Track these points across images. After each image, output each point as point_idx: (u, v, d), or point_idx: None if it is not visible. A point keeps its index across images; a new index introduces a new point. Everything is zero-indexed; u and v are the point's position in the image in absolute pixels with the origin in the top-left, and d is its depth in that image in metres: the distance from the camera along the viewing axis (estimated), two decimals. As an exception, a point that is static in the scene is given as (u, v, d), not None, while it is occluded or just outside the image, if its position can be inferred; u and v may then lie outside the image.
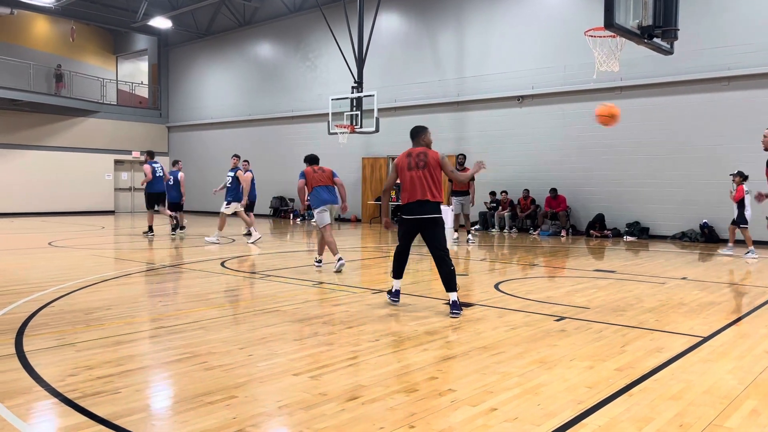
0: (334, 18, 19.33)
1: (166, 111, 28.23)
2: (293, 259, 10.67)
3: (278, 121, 23.48)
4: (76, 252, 11.60)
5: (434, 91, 18.92)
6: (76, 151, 24.96)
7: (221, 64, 25.74)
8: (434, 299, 6.65)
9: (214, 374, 3.91)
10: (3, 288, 7.27)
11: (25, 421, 3.14)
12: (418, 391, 3.62)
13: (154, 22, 23.13)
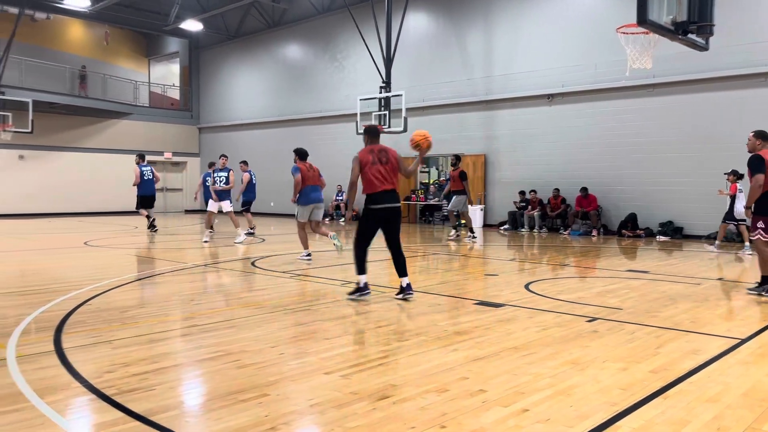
0: (362, 18, 19.39)
1: (197, 112, 28.63)
2: (321, 259, 10.73)
3: (306, 121, 23.63)
4: (110, 251, 11.84)
5: (462, 90, 18.84)
6: (110, 152, 25.47)
7: (250, 66, 26.01)
8: (464, 299, 6.62)
9: (247, 372, 3.96)
10: (42, 286, 7.46)
11: (64, 416, 3.22)
12: (449, 391, 3.61)
13: (185, 25, 23.48)
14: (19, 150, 23.39)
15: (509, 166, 18.02)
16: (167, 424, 3.09)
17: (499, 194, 18.28)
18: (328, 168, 22.82)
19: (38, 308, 5.92)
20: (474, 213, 18.16)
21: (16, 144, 22.69)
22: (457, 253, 11.83)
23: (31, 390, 3.56)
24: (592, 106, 16.25)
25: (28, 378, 3.78)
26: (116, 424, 3.08)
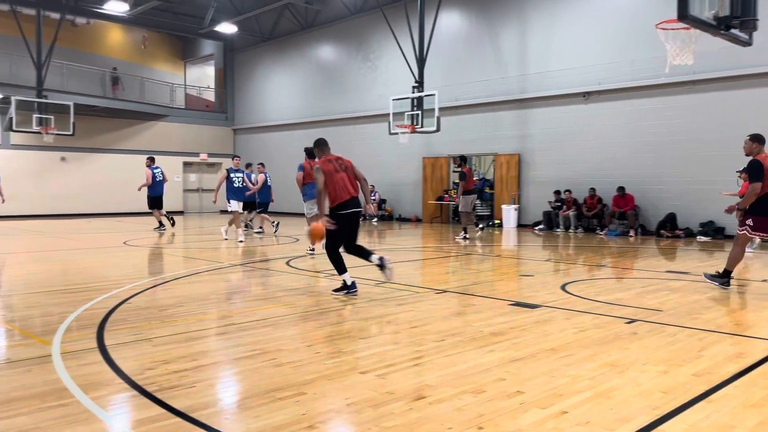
0: (394, 18, 19.40)
1: (231, 114, 29.01)
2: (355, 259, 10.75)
3: (339, 122, 23.74)
4: (149, 251, 12.07)
5: (496, 89, 18.70)
6: (147, 153, 25.91)
7: (284, 67, 26.25)
8: (499, 300, 6.57)
9: (283, 371, 3.99)
10: (84, 285, 7.65)
11: (107, 411, 3.30)
12: (485, 392, 3.58)
13: (220, 28, 23.82)
14: (60, 152, 24.03)
15: (544, 165, 17.81)
16: (207, 421, 3.14)
17: (533, 194, 18.08)
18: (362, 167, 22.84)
19: (81, 306, 6.07)
20: (508, 213, 18.02)
21: (58, 146, 23.32)
22: (491, 253, 11.74)
23: (76, 386, 3.65)
24: (629, 104, 15.96)
25: (72, 374, 3.88)
26: (158, 419, 3.14)
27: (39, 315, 5.88)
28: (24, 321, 5.61)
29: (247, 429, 3.03)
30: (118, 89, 26.12)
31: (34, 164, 23.47)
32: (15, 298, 6.94)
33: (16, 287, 7.74)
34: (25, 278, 8.50)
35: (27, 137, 22.66)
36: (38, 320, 5.65)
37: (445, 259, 10.85)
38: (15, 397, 3.45)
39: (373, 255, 6.85)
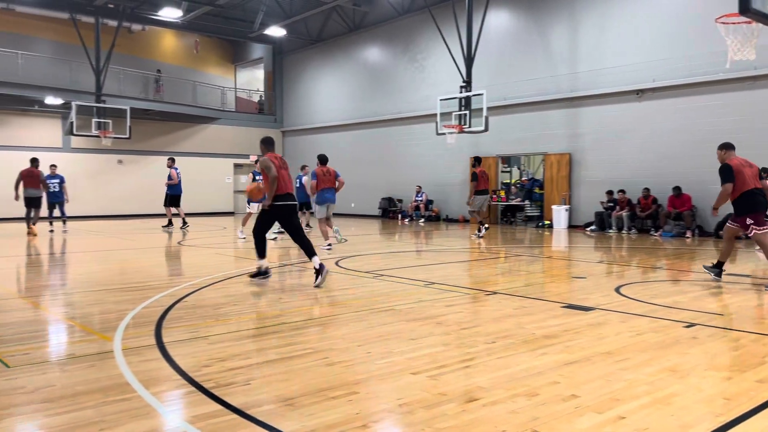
0: (442, 18, 19.33)
1: (280, 116, 29.45)
2: (404, 259, 10.78)
3: (386, 123, 23.81)
4: (202, 251, 12.37)
5: (545, 88, 18.42)
6: (199, 156, 26.63)
7: (332, 69, 26.49)
8: (551, 302, 6.47)
9: (335, 370, 4.03)
10: (141, 284, 7.89)
11: (167, 407, 3.40)
12: (539, 396, 3.53)
13: (269, 31, 24.22)
14: (117, 155, 24.88)
15: (595, 164, 17.45)
16: (263, 418, 3.20)
17: (584, 194, 17.73)
18: (408, 168, 22.97)
19: (139, 304, 6.26)
20: (558, 213, 17.72)
21: (115, 149, 24.14)
22: (541, 255, 11.57)
23: (137, 381, 3.77)
24: (685, 101, 15.48)
25: (133, 369, 4.00)
26: (215, 416, 3.21)
27: (100, 312, 6.10)
28: (86, 318, 5.83)
29: (302, 427, 3.07)
30: (161, 91, 26.78)
31: (92, 167, 24.37)
32: (78, 295, 7.22)
33: (78, 285, 8.04)
34: (86, 277, 8.83)
35: (86, 141, 23.56)
36: (100, 317, 5.85)
37: (494, 261, 10.75)
38: (80, 391, 3.58)
39: (315, 257, 7.51)
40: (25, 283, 8.38)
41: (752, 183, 7.44)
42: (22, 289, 7.82)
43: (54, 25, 24.61)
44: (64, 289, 7.84)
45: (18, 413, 3.28)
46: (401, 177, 23.20)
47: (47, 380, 3.81)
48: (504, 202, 19.79)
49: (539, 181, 20.04)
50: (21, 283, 8.43)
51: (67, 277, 9.05)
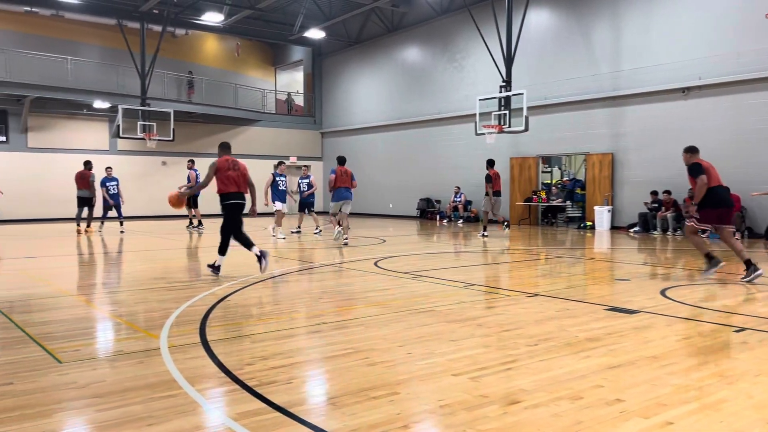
0: (481, 18, 19.21)
1: (319, 118, 29.69)
2: (442, 260, 10.74)
3: (425, 123, 23.77)
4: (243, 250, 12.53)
5: (587, 87, 18.12)
6: (241, 157, 26.83)
7: (370, 70, 26.58)
8: (593, 304, 6.36)
9: (377, 370, 4.04)
10: (185, 283, 8.07)
11: (212, 404, 3.46)
12: (583, 399, 3.48)
13: (309, 34, 24.46)
14: (161, 156, 25.46)
15: (639, 164, 17.08)
16: (306, 416, 3.23)
17: (627, 195, 17.38)
18: (447, 169, 22.89)
19: (184, 303, 6.40)
20: (600, 214, 17.41)
21: (159, 151, 24.73)
22: (583, 256, 11.38)
23: (183, 378, 3.85)
24: (733, 99, 15.02)
25: (179, 367, 4.09)
26: (259, 413, 3.26)
27: (146, 310, 6.25)
28: (133, 316, 5.99)
29: (344, 426, 3.09)
30: (193, 93, 27.20)
31: (138, 168, 24.99)
32: (124, 294, 7.42)
33: (125, 284, 8.27)
34: (133, 275, 9.07)
35: (132, 143, 24.18)
36: (146, 315, 6.00)
37: (534, 262, 10.63)
38: (129, 387, 3.68)
39: (254, 247, 8.40)
40: (75, 281, 8.64)
41: (717, 181, 8.11)
42: (72, 287, 8.07)
43: (101, 31, 25.34)
44: (111, 287, 8.06)
45: (70, 407, 3.39)
46: (439, 178, 23.12)
47: (97, 376, 3.93)
48: (545, 203, 19.52)
49: (581, 181, 19.73)
50: (71, 281, 8.71)
51: (114, 275, 9.30)
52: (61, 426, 3.15)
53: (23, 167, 22.11)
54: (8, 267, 10.35)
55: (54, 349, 4.58)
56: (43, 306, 6.50)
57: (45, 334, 5.05)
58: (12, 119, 22.74)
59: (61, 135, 23.70)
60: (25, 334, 5.05)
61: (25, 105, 22.21)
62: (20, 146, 22.87)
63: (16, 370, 4.04)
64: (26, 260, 11.23)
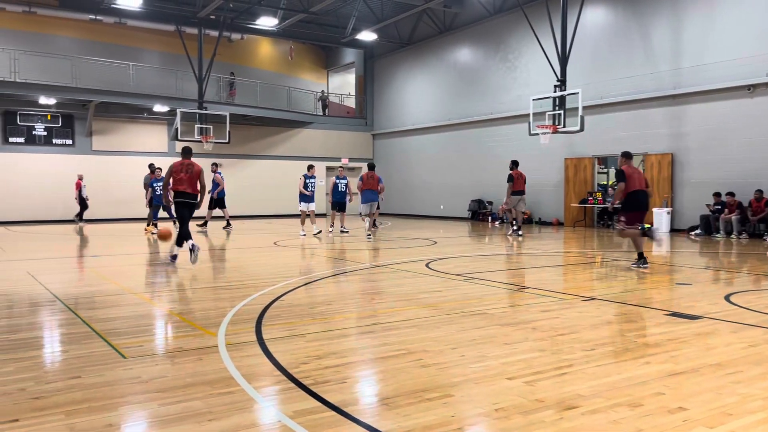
0: (535, 16, 18.93)
1: (371, 119, 29.84)
2: (495, 262, 10.63)
3: (477, 124, 23.57)
4: (296, 251, 12.74)
5: (645, 85, 17.61)
6: (293, 159, 27.44)
7: (422, 72, 26.55)
8: (653, 309, 6.18)
9: (430, 372, 4.04)
10: (241, 282, 8.25)
11: (269, 401, 3.53)
12: (643, 406, 3.39)
13: (361, 36, 24.63)
14: (217, 158, 26.06)
15: (701, 165, 16.48)
16: (360, 416, 3.26)
17: (688, 196, 16.80)
18: (499, 170, 22.57)
19: (240, 302, 6.54)
20: (659, 217, 16.89)
21: (215, 153, 25.31)
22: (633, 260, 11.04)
23: (240, 375, 3.94)
24: (803, 96, 14.33)
25: (236, 364, 4.19)
26: (315, 412, 3.31)
27: (203, 309, 6.42)
28: (191, 314, 6.16)
29: (398, 427, 3.10)
30: (234, 93, 27.56)
31: (195, 170, 25.65)
32: (184, 292, 7.65)
33: (184, 283, 8.51)
34: (191, 274, 9.32)
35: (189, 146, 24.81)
36: (203, 313, 6.16)
37: (590, 265, 10.40)
38: (189, 383, 3.79)
39: (190, 241, 9.64)
40: (136, 280, 8.95)
41: (639, 186, 9.17)
42: (134, 284, 8.36)
43: (161, 37, 26.17)
44: (170, 285, 8.31)
45: (135, 401, 3.52)
46: (492, 179, 22.88)
47: (159, 371, 4.06)
48: (600, 205, 19.06)
49: (638, 182, 19.16)
50: (133, 279, 9.02)
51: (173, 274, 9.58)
52: (126, 419, 3.28)
53: (88, 169, 23.00)
54: (74, 265, 10.80)
55: (118, 344, 4.76)
56: (107, 303, 6.76)
57: (110, 330, 5.25)
58: (78, 123, 23.74)
59: (123, 138, 24.58)
60: (91, 330, 5.26)
61: (89, 110, 23.15)
62: (85, 149, 23.84)
63: (84, 364, 4.21)
64: (91, 258, 11.70)
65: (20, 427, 3.12)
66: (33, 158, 22.90)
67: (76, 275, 9.46)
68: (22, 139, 22.76)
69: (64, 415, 3.26)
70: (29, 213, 22.62)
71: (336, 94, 31.68)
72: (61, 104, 23.09)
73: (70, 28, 24.67)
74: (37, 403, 3.44)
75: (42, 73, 22.32)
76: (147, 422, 3.22)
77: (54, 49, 23.35)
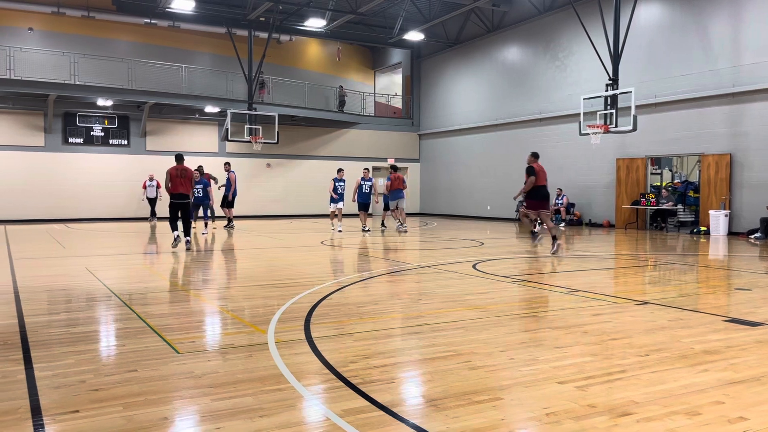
0: (586, 13, 18.56)
1: (417, 120, 29.81)
2: (543, 264, 10.46)
3: (525, 124, 23.26)
4: (344, 251, 12.82)
5: (703, 83, 17.04)
6: (340, 159, 27.64)
7: (469, 71, 26.36)
8: (710, 315, 5.97)
9: (479, 374, 4.00)
10: (289, 280, 8.35)
11: (319, 399, 3.55)
12: (701, 415, 3.27)
13: (408, 36, 24.64)
14: (266, 158, 26.52)
15: (762, 166, 15.85)
16: (409, 417, 3.25)
17: (747, 198, 16.18)
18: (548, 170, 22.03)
19: (288, 300, 6.62)
20: (716, 219, 16.34)
21: (264, 153, 25.77)
22: (696, 263, 10.71)
23: (290, 373, 3.99)
24: None
25: (286, 361, 4.24)
26: (363, 411, 3.32)
27: (253, 306, 6.53)
28: (242, 311, 6.27)
29: (447, 428, 3.08)
30: (264, 93, 27.70)
31: (244, 170, 26.16)
32: (233, 290, 7.79)
33: (235, 280, 8.68)
34: (241, 272, 9.50)
35: (239, 146, 25.36)
36: (253, 311, 6.27)
37: (642, 269, 10.12)
38: (240, 379, 3.86)
39: (176, 231, 12.25)
40: (188, 277, 9.17)
41: (543, 182, 11.95)
42: (186, 281, 8.57)
43: (212, 40, 26.75)
44: (221, 283, 8.49)
45: (188, 396, 3.60)
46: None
47: (211, 367, 4.14)
48: (653, 206, 18.55)
49: (694, 183, 18.60)
50: (184, 276, 9.25)
51: (224, 272, 9.79)
52: (180, 413, 3.35)
53: (143, 169, 23.71)
54: (129, 262, 11.14)
55: (172, 339, 4.88)
56: (160, 299, 6.95)
57: (163, 326, 5.39)
58: (132, 124, 24.50)
59: (176, 138, 25.23)
60: (146, 325, 5.41)
61: (144, 111, 23.86)
62: (140, 149, 24.58)
63: (140, 358, 4.34)
64: (144, 256, 12.05)
65: (80, 417, 3.23)
66: (91, 158, 23.75)
67: (131, 272, 9.76)
68: (80, 139, 23.63)
69: (122, 407, 3.36)
70: (87, 211, 23.48)
71: (383, 94, 31.76)
72: (118, 106, 23.88)
73: (126, 32, 25.48)
74: (97, 395, 3.56)
75: (99, 75, 23.12)
76: (200, 416, 3.29)
77: (111, 53, 24.16)
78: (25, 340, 4.89)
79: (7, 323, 5.55)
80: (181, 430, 3.14)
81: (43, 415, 3.25)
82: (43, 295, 7.18)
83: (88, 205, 23.48)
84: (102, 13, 24.35)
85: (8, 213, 22.33)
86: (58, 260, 10.95)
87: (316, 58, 30.57)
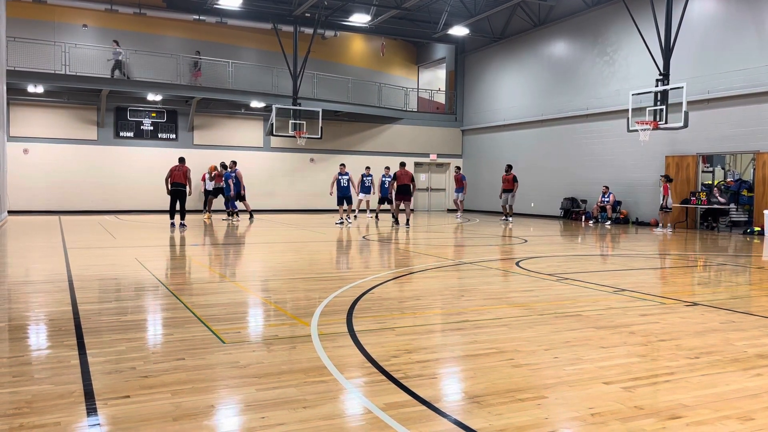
0: (636, 7, 18.11)
1: (460, 115, 29.61)
2: (589, 263, 10.28)
3: (571, 119, 22.85)
4: (385, 245, 12.85)
5: (760, 79, 16.43)
6: (383, 155, 27.68)
7: (514, 66, 26.03)
8: (765, 317, 5.77)
9: (522, 372, 3.96)
10: (332, 274, 8.42)
11: (362, 392, 3.58)
12: (754, 421, 3.17)
13: (452, 31, 24.46)
14: (310, 153, 26.76)
15: (820, 164, 15.20)
16: (452, 412, 3.24)
17: (804, 198, 15.54)
18: (595, 167, 21.85)
19: (331, 293, 6.68)
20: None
21: (308, 148, 26.01)
22: (749, 264, 10.35)
23: (333, 365, 4.02)
24: None
25: (329, 354, 4.28)
26: (406, 405, 3.32)
27: (296, 299, 6.61)
28: (285, 303, 6.35)
29: (490, 426, 3.06)
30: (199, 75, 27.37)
31: (288, 165, 26.49)
32: (277, 282, 7.90)
33: (278, 273, 8.79)
34: (284, 265, 9.62)
35: (283, 141, 25.66)
36: (296, 303, 6.35)
37: (691, 269, 9.84)
38: (284, 370, 3.91)
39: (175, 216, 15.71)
40: (233, 268, 9.34)
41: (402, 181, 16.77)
42: (231, 273, 8.73)
43: (258, 35, 27.08)
44: (265, 275, 8.61)
45: (233, 385, 3.67)
46: (586, 176, 22.14)
47: (256, 357, 4.21)
48: (704, 206, 18.00)
49: (747, 182, 17.96)
50: (229, 267, 9.42)
51: (268, 264, 9.93)
52: (226, 401, 3.42)
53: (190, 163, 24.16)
54: (176, 252, 11.41)
55: (218, 330, 4.98)
56: (206, 290, 7.10)
57: (210, 316, 5.50)
58: (180, 119, 25.03)
59: (222, 133, 25.68)
60: (193, 315, 5.54)
61: (192, 106, 24.35)
62: (187, 143, 25.10)
63: (188, 347, 4.44)
64: (191, 247, 12.32)
65: (131, 402, 3.33)
66: (140, 151, 24.37)
67: (178, 262, 9.98)
68: (131, 133, 24.28)
69: (171, 394, 3.45)
70: (137, 203, 24.13)
71: (426, 89, 31.64)
72: (166, 101, 24.43)
73: (175, 28, 26.01)
74: (146, 382, 3.66)
75: (149, 71, 23.69)
76: (245, 406, 3.35)
77: (161, 49, 24.72)
78: (79, 326, 5.06)
79: (62, 310, 5.75)
80: (227, 418, 3.20)
81: (95, 399, 3.36)
82: (95, 283, 7.42)
83: (137, 197, 24.12)
84: (153, 10, 24.93)
85: (62, 204, 23.13)
86: (110, 250, 11.29)
87: (360, 54, 30.64)
